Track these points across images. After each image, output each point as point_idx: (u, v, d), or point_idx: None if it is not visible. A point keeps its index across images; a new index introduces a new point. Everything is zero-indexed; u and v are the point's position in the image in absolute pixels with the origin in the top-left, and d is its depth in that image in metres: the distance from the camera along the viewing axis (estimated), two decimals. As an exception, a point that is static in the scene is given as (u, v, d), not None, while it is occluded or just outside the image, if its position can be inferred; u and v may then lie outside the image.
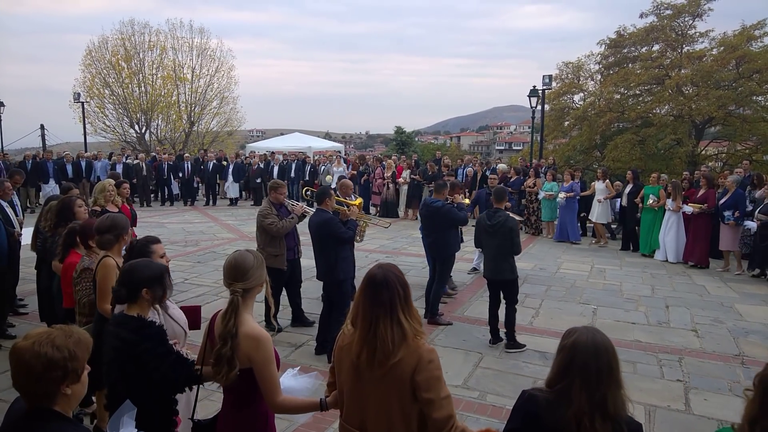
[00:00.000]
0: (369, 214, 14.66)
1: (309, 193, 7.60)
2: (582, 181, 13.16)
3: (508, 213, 6.16)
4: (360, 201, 7.64)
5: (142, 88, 29.58)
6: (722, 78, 20.49)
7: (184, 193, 18.40)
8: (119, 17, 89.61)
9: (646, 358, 5.68)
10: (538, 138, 19.59)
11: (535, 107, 19.02)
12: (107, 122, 29.75)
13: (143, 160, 17.89)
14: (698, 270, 9.77)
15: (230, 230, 13.34)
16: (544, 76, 18.94)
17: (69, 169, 17.07)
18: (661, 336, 6.36)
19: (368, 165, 16.90)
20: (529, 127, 31.07)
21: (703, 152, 22.63)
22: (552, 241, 12.43)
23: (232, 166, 18.18)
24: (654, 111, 21.79)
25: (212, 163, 18.18)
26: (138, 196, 17.20)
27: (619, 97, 22.87)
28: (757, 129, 20.06)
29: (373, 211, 15.62)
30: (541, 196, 12.86)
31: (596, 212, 12.10)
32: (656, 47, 23.01)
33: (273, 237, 6.09)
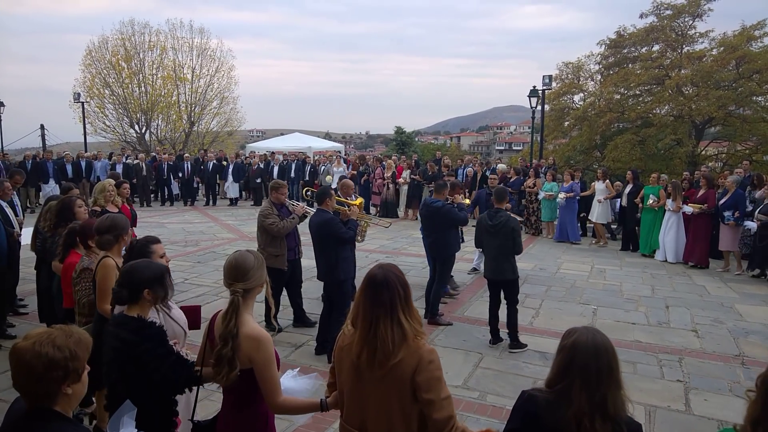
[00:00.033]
0: (369, 214, 14.66)
1: (309, 193, 7.61)
2: (582, 181, 13.15)
3: (509, 213, 6.17)
4: (361, 201, 7.64)
5: (142, 88, 29.60)
6: (722, 78, 20.49)
7: (184, 193, 18.40)
8: (119, 17, 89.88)
9: (646, 359, 5.68)
10: (538, 138, 19.59)
11: (535, 107, 19.03)
12: (107, 122, 29.82)
13: (143, 160, 17.89)
14: (698, 270, 9.77)
15: (230, 230, 13.34)
16: (544, 76, 18.94)
17: (69, 169, 17.07)
18: (661, 336, 6.36)
19: (368, 165, 16.88)
20: (529, 128, 31.06)
21: (703, 152, 22.63)
22: (552, 242, 12.43)
23: (232, 166, 18.17)
24: (654, 111, 21.79)
25: (212, 163, 18.18)
26: (138, 196, 17.21)
27: (619, 97, 22.87)
28: (757, 129, 20.07)
29: (373, 211, 15.61)
30: (541, 196, 12.85)
31: (596, 212, 12.09)
32: (656, 47, 23.02)
33: (274, 237, 6.09)
